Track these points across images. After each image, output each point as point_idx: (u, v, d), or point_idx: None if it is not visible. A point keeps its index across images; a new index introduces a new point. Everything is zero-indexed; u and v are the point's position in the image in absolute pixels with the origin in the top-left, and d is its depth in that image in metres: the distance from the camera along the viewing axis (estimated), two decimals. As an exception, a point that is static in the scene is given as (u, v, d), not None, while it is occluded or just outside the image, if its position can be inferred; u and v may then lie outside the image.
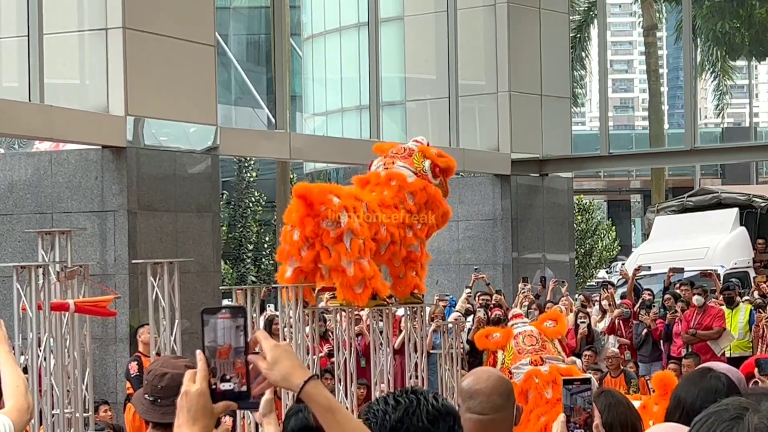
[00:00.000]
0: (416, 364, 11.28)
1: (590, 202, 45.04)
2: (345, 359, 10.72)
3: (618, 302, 18.09)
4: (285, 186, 28.58)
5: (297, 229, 9.69)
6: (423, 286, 10.85)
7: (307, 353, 10.24)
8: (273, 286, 13.97)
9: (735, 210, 23.61)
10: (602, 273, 41.34)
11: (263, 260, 39.15)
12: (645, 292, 18.46)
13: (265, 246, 39.02)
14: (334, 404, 2.81)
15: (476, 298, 18.20)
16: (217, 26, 17.34)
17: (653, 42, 41.62)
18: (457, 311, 17.33)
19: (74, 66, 15.48)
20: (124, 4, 14.08)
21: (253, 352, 2.73)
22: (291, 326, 10.12)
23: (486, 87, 22.21)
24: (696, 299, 16.82)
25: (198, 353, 2.68)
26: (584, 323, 16.77)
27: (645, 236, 27.54)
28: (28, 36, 14.05)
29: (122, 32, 14.09)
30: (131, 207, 14.09)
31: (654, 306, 17.87)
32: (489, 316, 16.80)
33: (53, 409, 9.85)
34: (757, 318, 16.76)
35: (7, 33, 14.98)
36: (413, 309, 11.08)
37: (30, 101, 13.83)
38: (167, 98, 14.67)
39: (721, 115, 46.64)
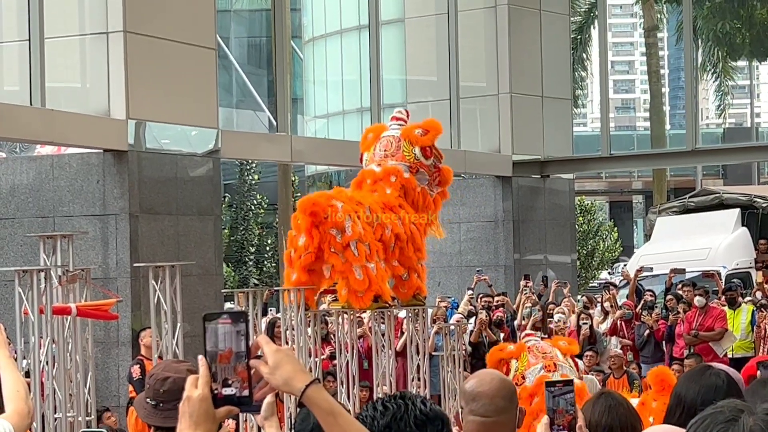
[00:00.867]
0: (418, 366, 11.28)
1: (592, 203, 45.04)
2: (347, 362, 10.72)
3: (620, 303, 18.08)
4: (287, 189, 28.58)
5: (303, 235, 9.74)
6: (425, 288, 10.87)
7: (309, 356, 10.25)
8: (275, 289, 13.99)
9: (737, 210, 23.61)
10: (604, 274, 41.32)
11: (265, 263, 39.14)
12: (647, 293, 18.46)
13: (267, 249, 39.01)
14: (336, 408, 2.82)
15: (478, 300, 18.20)
16: (218, 29, 17.35)
17: (654, 43, 41.63)
18: (460, 313, 17.34)
19: (75, 70, 15.50)
20: (125, 8, 14.09)
21: (255, 357, 2.74)
22: (293, 329, 10.13)
23: (487, 89, 22.21)
24: (697, 300, 16.81)
25: (200, 358, 2.69)
26: (586, 325, 16.77)
27: (647, 237, 27.56)
28: (29, 40, 14.06)
29: (123, 36, 14.10)
30: (133, 210, 14.10)
31: (656, 307, 17.87)
32: (491, 318, 16.80)
33: (56, 413, 9.86)
34: (759, 318, 16.76)
35: (9, 37, 14.99)
36: (415, 311, 11.09)
37: (31, 105, 13.84)
38: (168, 101, 14.68)
39: (723, 116, 46.66)
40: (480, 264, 21.25)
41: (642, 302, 17.95)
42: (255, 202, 39.14)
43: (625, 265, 25.99)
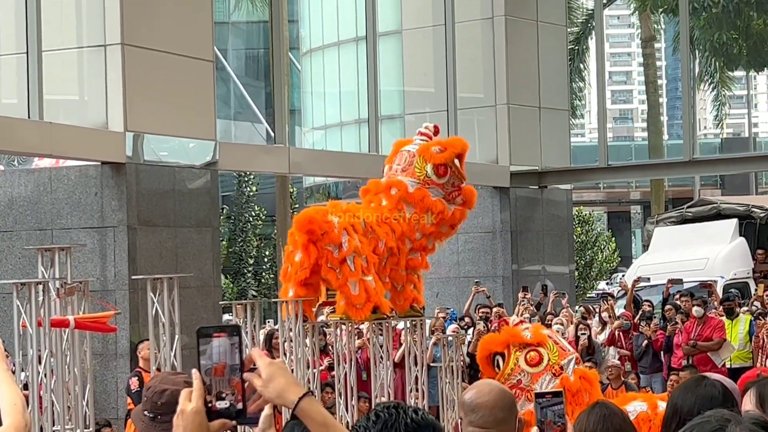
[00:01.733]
0: (416, 378, 11.29)
1: (590, 214, 45.05)
2: (345, 373, 10.73)
3: (618, 314, 18.09)
4: (285, 200, 28.61)
5: (299, 251, 9.73)
6: (421, 299, 10.85)
7: (308, 367, 10.26)
8: (273, 301, 14.00)
9: (734, 221, 23.62)
10: (602, 284, 41.32)
11: (264, 274, 39.14)
12: (645, 304, 18.47)
13: (266, 260, 39.01)
14: (329, 420, 2.84)
15: (476, 311, 18.21)
16: (216, 41, 17.39)
17: (651, 53, 41.72)
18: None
19: (73, 82, 15.52)
20: (123, 21, 14.12)
21: (249, 370, 2.76)
22: (291, 340, 10.13)
23: (484, 100, 22.24)
24: (695, 310, 16.83)
25: (193, 372, 2.71)
26: (585, 335, 16.77)
27: (645, 247, 27.55)
28: (27, 53, 14.09)
29: (121, 48, 14.13)
30: (131, 223, 14.11)
31: (655, 317, 17.88)
32: (489, 329, 16.80)
33: (54, 426, 9.86)
34: (757, 327, 16.76)
35: (7, 50, 15.02)
36: (413, 322, 11.09)
37: (29, 118, 13.86)
38: (166, 114, 14.70)
39: (720, 126, 46.72)
40: (478, 275, 21.25)
41: (640, 312, 17.96)
42: (253, 214, 39.15)
43: (623, 276, 26.00)
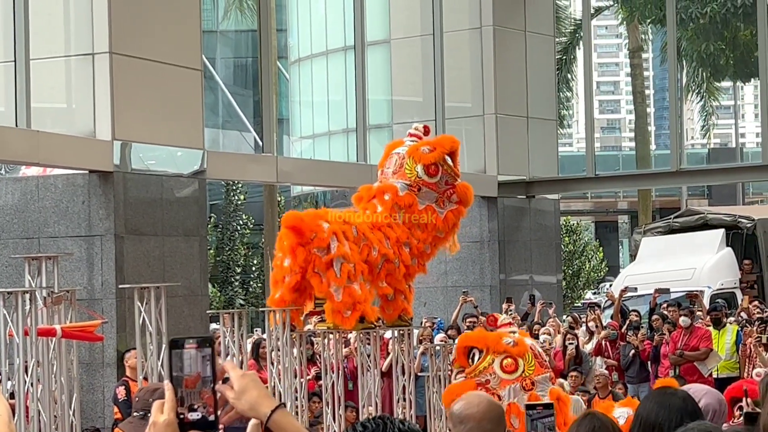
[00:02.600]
0: (404, 387, 11.28)
1: (577, 224, 45.12)
2: (333, 382, 10.72)
3: (605, 323, 18.10)
4: (273, 209, 28.58)
5: (288, 256, 9.71)
6: (411, 310, 10.85)
7: (295, 376, 10.24)
8: (260, 309, 13.98)
9: (721, 231, 23.66)
10: (588, 294, 41.37)
11: (251, 283, 39.08)
12: (632, 313, 18.49)
13: (253, 269, 38.95)
14: None
15: (464, 321, 18.20)
16: (204, 50, 17.38)
17: (639, 64, 41.84)
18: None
19: (61, 91, 15.50)
20: (111, 29, 14.11)
21: (222, 381, 2.76)
22: (278, 349, 10.12)
23: (472, 109, 22.26)
24: (682, 320, 16.85)
25: (166, 383, 2.72)
26: (572, 345, 16.78)
27: (632, 257, 27.59)
28: (15, 61, 14.07)
29: (109, 57, 14.12)
30: (118, 231, 14.09)
31: (642, 327, 17.89)
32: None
33: (40, 435, 9.82)
34: (745, 335, 16.78)
35: (-6, 58, 15.00)
36: (401, 332, 11.08)
37: (17, 126, 13.84)
38: (154, 122, 14.69)
39: (708, 136, 46.84)
40: (465, 284, 21.25)
41: (627, 322, 17.97)
42: (241, 223, 39.09)
43: (611, 285, 26.02)
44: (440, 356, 12.20)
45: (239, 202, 39.06)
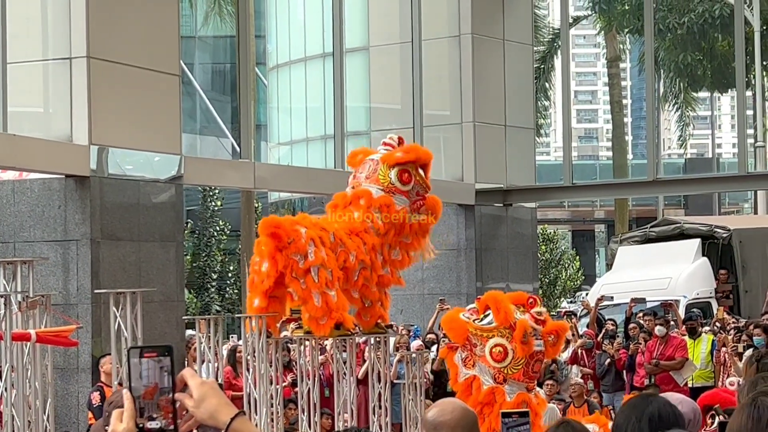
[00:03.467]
0: (380, 394, 11.27)
1: (554, 232, 45.22)
2: (309, 389, 10.70)
3: (581, 332, 18.14)
4: (250, 215, 28.51)
5: (266, 261, 9.71)
6: (387, 317, 10.87)
7: (271, 383, 10.22)
8: (237, 316, 13.95)
9: (697, 241, 23.75)
10: (565, 303, 41.45)
11: (227, 289, 39.00)
12: (608, 323, 18.53)
13: (230, 275, 38.89)
14: None
15: (440, 328, 18.20)
16: (183, 55, 17.34)
17: (617, 73, 41.98)
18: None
19: (38, 95, 15.44)
20: (89, 33, 14.07)
21: (181, 390, 2.75)
22: (254, 356, 10.10)
23: (450, 117, 22.28)
24: (658, 330, 16.89)
25: (124, 392, 2.70)
26: (548, 353, 16.79)
27: (609, 266, 27.67)
28: (-8, 64, 14.01)
29: (86, 61, 14.07)
30: (94, 236, 14.04)
31: (618, 336, 17.93)
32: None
33: (14, 440, 9.77)
34: (719, 342, 16.82)
35: (-29, 61, 14.93)
36: (377, 339, 11.08)
37: (-7, 130, 13.77)
38: (131, 127, 14.65)
39: (684, 146, 47.03)
40: (442, 292, 21.25)
41: (603, 331, 18.01)
42: (218, 229, 39.02)
43: (587, 294, 26.07)
44: (416, 364, 12.20)
45: (216, 208, 39.00)
